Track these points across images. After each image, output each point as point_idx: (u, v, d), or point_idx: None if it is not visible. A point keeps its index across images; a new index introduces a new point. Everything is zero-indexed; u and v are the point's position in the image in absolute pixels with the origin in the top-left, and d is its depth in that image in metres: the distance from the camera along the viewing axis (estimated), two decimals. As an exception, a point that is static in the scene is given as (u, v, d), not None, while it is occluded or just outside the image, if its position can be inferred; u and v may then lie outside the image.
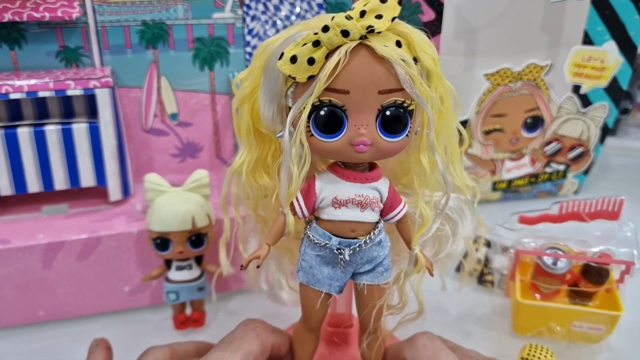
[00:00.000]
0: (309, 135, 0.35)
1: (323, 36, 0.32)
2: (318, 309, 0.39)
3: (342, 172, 0.36)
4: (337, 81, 0.32)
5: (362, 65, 0.32)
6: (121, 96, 0.64)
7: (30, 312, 0.57)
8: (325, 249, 0.37)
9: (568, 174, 0.80)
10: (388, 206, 0.38)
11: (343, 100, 0.33)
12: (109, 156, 0.59)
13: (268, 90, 0.36)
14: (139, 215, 0.59)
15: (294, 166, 0.35)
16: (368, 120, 0.34)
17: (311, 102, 0.33)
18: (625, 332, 0.55)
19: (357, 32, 0.31)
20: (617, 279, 0.55)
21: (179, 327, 0.57)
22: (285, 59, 0.33)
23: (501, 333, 0.57)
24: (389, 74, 0.32)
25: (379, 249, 0.38)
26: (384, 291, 0.39)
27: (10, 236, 0.55)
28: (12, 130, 0.55)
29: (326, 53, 0.32)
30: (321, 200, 0.37)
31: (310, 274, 0.38)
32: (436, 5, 0.62)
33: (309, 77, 0.33)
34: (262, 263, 0.37)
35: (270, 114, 0.36)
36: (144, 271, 0.58)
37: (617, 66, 0.72)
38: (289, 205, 0.37)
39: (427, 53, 0.33)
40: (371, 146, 0.34)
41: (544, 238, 0.58)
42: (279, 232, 0.38)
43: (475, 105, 0.70)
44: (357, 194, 0.36)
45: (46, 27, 0.59)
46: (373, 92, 0.33)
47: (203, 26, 0.63)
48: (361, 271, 0.39)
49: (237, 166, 0.41)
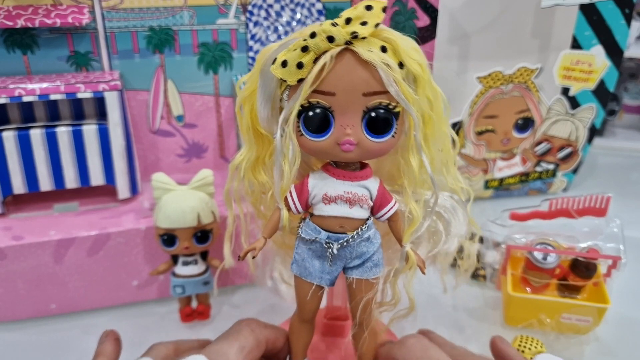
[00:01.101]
0: (299, 135, 0.36)
1: (310, 42, 0.33)
2: (310, 300, 0.40)
3: (334, 170, 0.38)
4: (324, 84, 0.34)
5: (346, 68, 0.34)
6: (129, 99, 0.64)
7: (42, 305, 0.58)
8: (315, 242, 0.38)
9: (557, 172, 0.81)
10: (378, 204, 0.39)
11: (330, 102, 0.35)
12: (118, 156, 0.60)
13: (263, 92, 0.37)
14: (147, 212, 0.60)
15: (285, 164, 0.37)
16: (354, 121, 0.35)
17: (299, 103, 0.35)
18: (612, 324, 0.56)
19: (342, 37, 0.33)
20: (604, 273, 0.56)
21: (185, 320, 0.58)
22: (277, 64, 0.34)
23: (493, 325, 0.58)
24: (372, 77, 0.34)
25: (368, 244, 0.39)
26: (372, 286, 0.40)
27: (23, 233, 0.56)
28: (25, 132, 0.56)
29: (314, 58, 0.34)
30: (313, 197, 0.38)
31: (303, 267, 0.40)
32: (431, 11, 0.63)
33: (299, 80, 0.34)
34: (257, 254, 0.38)
35: (266, 114, 0.38)
36: (151, 266, 0.59)
37: (604, 69, 0.72)
38: (283, 201, 0.39)
39: (413, 58, 0.35)
40: (357, 146, 0.36)
41: (534, 234, 0.58)
42: (274, 225, 0.39)
43: (468, 107, 0.71)
44: (346, 191, 0.37)
45: (57, 33, 0.59)
46: (357, 94, 0.34)
47: (208, 32, 0.63)
48: (351, 265, 0.40)
49: (237, 162, 0.43)
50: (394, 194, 0.40)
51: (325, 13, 0.66)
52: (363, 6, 0.33)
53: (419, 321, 0.46)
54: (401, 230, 0.40)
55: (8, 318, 0.58)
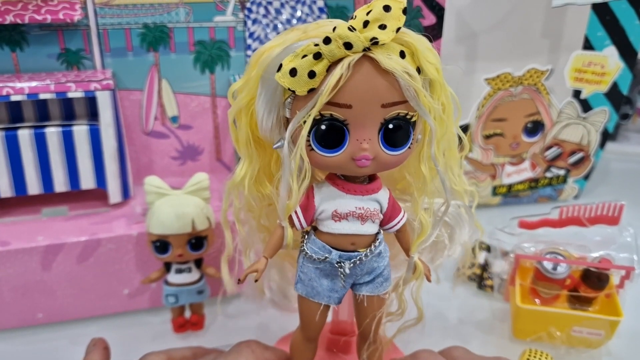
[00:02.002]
0: (309, 150, 0.34)
1: (324, 48, 0.31)
2: (317, 320, 0.39)
3: (342, 184, 0.36)
4: (339, 95, 0.31)
5: (365, 78, 0.31)
6: (122, 99, 0.64)
7: (29, 314, 0.57)
8: (325, 262, 0.37)
9: (568, 178, 0.80)
10: (388, 216, 0.37)
11: (345, 115, 0.32)
12: (109, 158, 0.59)
13: (266, 101, 0.35)
14: (139, 217, 0.59)
15: (293, 181, 0.34)
16: (370, 134, 0.33)
17: (312, 117, 0.32)
18: (625, 338, 0.55)
19: (360, 44, 0.30)
20: (617, 284, 0.55)
21: (178, 331, 0.57)
22: (284, 72, 0.31)
23: (501, 338, 0.57)
24: (392, 87, 0.31)
25: (379, 259, 0.38)
26: (383, 301, 0.39)
27: (9, 238, 0.55)
28: (13, 132, 0.55)
29: (327, 66, 0.31)
30: (320, 213, 0.36)
31: (310, 287, 0.38)
32: (437, 9, 0.62)
33: (309, 90, 0.32)
34: (259, 277, 0.36)
35: (269, 125, 0.35)
36: (143, 274, 0.58)
37: (617, 71, 0.72)
38: (287, 219, 0.36)
39: (431, 62, 0.32)
40: (373, 160, 0.33)
41: (544, 243, 0.58)
42: (277, 244, 0.37)
43: (475, 109, 0.70)
44: (358, 206, 0.36)
45: (48, 30, 0.59)
46: (376, 106, 0.32)
47: (204, 29, 0.63)
48: (361, 282, 0.38)
49: (239, 180, 0.39)
50: (401, 202, 0.39)
51: (327, 11, 0.66)
52: (380, 6, 0.30)
53: (424, 333, 0.45)
54: (409, 241, 0.39)
55: (-7, 327, 0.57)
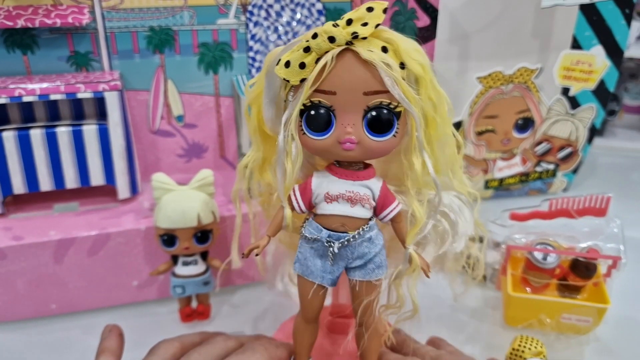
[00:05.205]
0: (302, 134, 0.37)
1: (312, 42, 0.34)
2: (313, 299, 0.41)
3: (337, 170, 0.38)
4: (325, 83, 0.35)
5: (347, 68, 0.34)
6: (129, 99, 0.64)
7: (42, 306, 0.58)
8: (317, 241, 0.39)
9: (557, 172, 0.81)
10: (380, 204, 0.39)
11: (331, 101, 0.35)
12: (118, 156, 0.60)
13: (268, 92, 0.38)
14: (147, 212, 0.60)
15: (288, 162, 0.37)
16: (354, 119, 0.36)
17: (301, 102, 0.35)
18: (612, 324, 0.56)
19: (342, 38, 0.33)
20: (604, 273, 0.56)
21: (185, 320, 0.58)
22: (280, 64, 0.35)
23: (493, 325, 0.58)
24: (373, 77, 0.34)
25: (370, 245, 0.39)
26: (374, 288, 0.40)
27: (23, 233, 0.56)
28: (25, 132, 0.56)
29: (316, 58, 0.34)
30: (316, 196, 0.39)
31: (305, 266, 0.40)
32: (431, 11, 0.63)
33: (302, 80, 0.35)
34: (260, 252, 0.39)
35: (270, 115, 0.39)
36: (151, 266, 0.59)
37: (604, 69, 0.72)
38: (287, 199, 0.39)
39: (415, 59, 0.35)
40: (358, 145, 0.36)
41: (534, 234, 0.58)
42: (278, 224, 0.40)
43: (468, 107, 0.71)
44: (348, 190, 0.38)
45: (57, 33, 0.60)
46: (358, 94, 0.35)
47: (208, 32, 0.64)
48: (353, 266, 0.40)
49: (245, 162, 0.44)
50: (400, 195, 0.40)
51: (325, 13, 0.67)
52: (364, 8, 0.34)
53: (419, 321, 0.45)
54: (405, 232, 0.40)
55: (8, 318, 0.58)
